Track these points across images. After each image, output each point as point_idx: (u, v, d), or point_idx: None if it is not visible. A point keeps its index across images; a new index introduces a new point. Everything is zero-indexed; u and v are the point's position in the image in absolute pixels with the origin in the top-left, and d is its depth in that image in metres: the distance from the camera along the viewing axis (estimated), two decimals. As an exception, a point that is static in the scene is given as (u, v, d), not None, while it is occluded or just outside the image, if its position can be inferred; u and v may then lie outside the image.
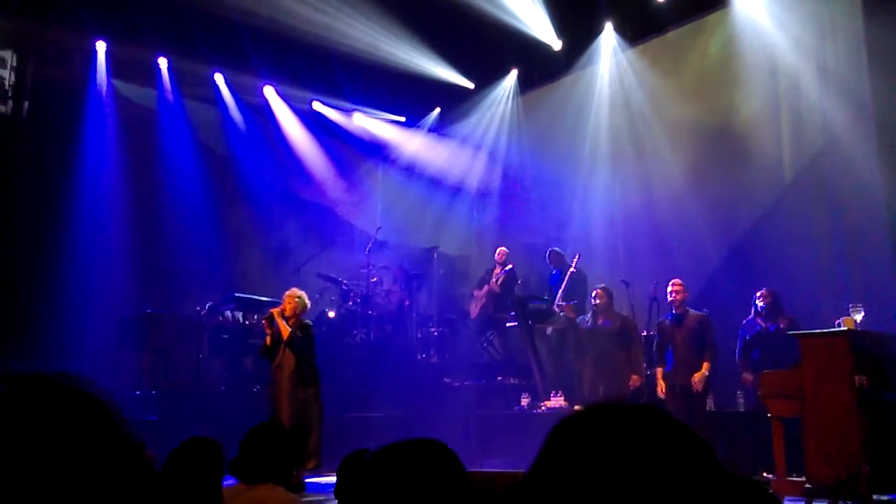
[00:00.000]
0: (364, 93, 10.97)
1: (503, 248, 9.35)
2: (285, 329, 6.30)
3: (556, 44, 9.73)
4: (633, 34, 9.47)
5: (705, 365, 6.39)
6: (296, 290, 6.59)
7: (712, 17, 8.81)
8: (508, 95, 10.83)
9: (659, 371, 6.67)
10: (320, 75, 10.36)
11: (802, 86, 7.83)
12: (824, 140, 7.52)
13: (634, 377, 6.85)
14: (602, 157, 9.68)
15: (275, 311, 6.44)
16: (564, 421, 0.74)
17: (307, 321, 6.54)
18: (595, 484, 0.67)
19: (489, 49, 9.77)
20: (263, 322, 6.58)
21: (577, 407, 7.36)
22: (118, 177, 9.95)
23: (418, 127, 11.85)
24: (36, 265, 8.22)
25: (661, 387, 6.58)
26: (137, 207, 10.04)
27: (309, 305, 6.71)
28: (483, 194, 11.36)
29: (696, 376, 6.35)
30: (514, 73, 10.68)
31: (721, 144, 8.38)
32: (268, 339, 6.40)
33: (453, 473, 1.13)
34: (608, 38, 9.61)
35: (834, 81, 7.40)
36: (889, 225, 6.96)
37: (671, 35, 9.18)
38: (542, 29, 9.47)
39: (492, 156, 11.22)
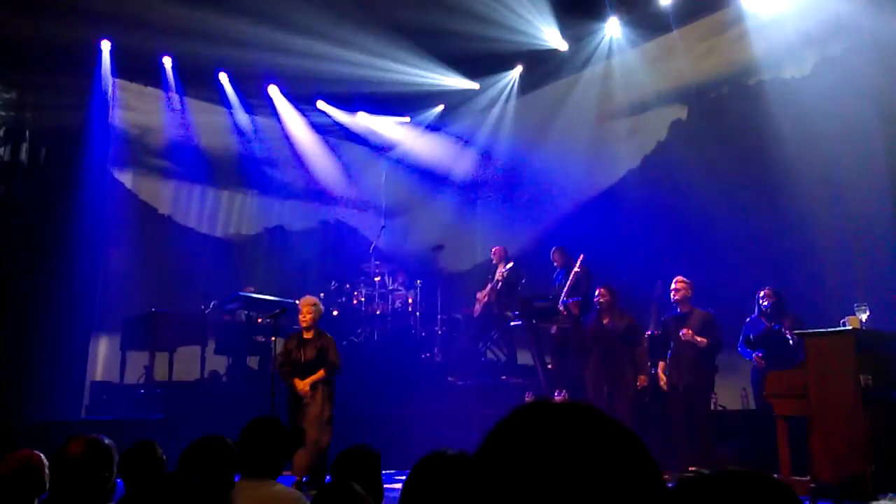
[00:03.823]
0: (370, 99, 10.97)
1: (497, 248, 9.31)
2: (311, 380, 6.12)
3: (562, 45, 9.69)
4: (639, 34, 9.43)
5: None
6: (310, 298, 6.39)
7: (718, 16, 8.80)
8: (512, 94, 10.82)
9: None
10: (325, 84, 10.37)
11: (809, 85, 7.79)
12: (831, 140, 7.48)
13: (642, 377, 6.82)
14: (605, 156, 9.67)
15: (299, 384, 6.16)
16: (499, 422, 0.76)
17: (329, 335, 6.31)
18: (526, 480, 0.68)
19: (494, 49, 9.74)
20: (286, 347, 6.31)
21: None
22: (123, 176, 9.99)
23: (422, 124, 11.85)
24: (42, 266, 8.24)
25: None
26: (142, 207, 10.07)
27: (323, 310, 6.51)
28: (487, 193, 11.36)
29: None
30: (517, 72, 10.66)
31: (726, 143, 8.35)
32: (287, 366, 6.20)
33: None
34: (613, 36, 9.58)
35: (841, 81, 7.37)
36: None
37: (676, 34, 9.15)
38: (547, 29, 9.43)
39: (495, 154, 11.22)
